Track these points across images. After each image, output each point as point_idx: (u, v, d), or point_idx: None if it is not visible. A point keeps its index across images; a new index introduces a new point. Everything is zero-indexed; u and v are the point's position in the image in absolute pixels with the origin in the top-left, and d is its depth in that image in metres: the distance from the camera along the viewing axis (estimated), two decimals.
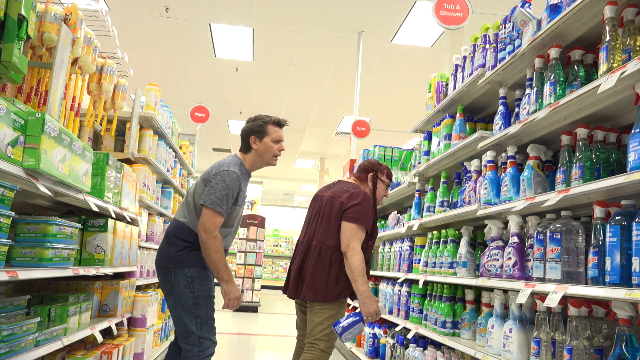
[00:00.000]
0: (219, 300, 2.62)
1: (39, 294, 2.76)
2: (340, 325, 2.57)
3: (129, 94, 3.95)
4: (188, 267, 2.55)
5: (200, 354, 2.51)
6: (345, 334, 2.56)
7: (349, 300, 2.98)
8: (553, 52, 2.22)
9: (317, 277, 2.70)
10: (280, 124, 2.78)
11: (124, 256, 3.28)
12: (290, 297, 2.89)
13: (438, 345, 3.25)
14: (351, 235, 2.66)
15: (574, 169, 2.00)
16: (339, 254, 2.71)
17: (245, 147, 2.76)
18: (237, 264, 10.11)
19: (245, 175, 2.72)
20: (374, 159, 3.09)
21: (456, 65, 3.44)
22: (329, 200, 2.83)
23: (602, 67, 1.86)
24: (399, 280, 3.96)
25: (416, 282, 3.65)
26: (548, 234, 2.02)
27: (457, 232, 3.14)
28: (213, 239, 2.48)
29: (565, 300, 1.96)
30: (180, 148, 5.56)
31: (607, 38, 1.86)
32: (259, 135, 2.72)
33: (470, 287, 3.02)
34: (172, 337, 4.83)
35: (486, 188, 2.65)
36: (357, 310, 2.67)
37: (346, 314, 2.77)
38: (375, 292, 4.93)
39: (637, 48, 1.77)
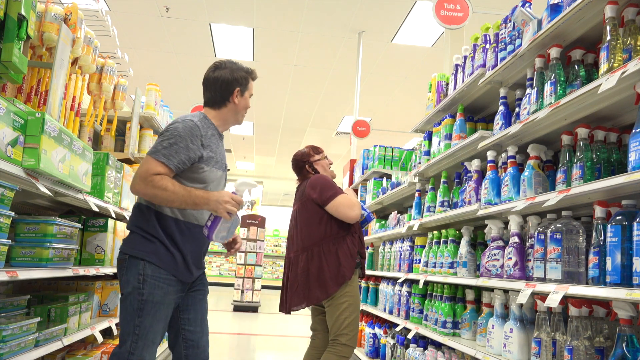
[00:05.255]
0: None
1: (39, 294, 2.76)
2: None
3: (129, 94, 3.95)
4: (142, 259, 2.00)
5: None
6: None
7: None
8: (553, 52, 2.22)
9: (319, 275, 2.75)
10: (255, 77, 2.32)
11: None
12: (285, 312, 2.90)
13: (438, 346, 3.24)
14: (342, 207, 2.80)
15: (574, 169, 2.00)
16: (327, 245, 2.80)
17: (221, 100, 2.20)
18: (238, 264, 10.11)
19: (214, 131, 2.17)
20: (297, 153, 3.18)
21: (456, 65, 3.44)
22: (301, 207, 2.96)
23: (603, 67, 1.86)
24: (399, 280, 3.95)
25: (416, 282, 3.64)
26: (549, 234, 2.02)
27: (457, 232, 3.13)
28: (151, 186, 1.93)
29: (565, 300, 1.95)
30: None
31: (608, 38, 1.86)
32: (243, 88, 2.23)
33: (470, 287, 3.01)
34: None
35: (486, 188, 2.65)
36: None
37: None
38: (376, 292, 4.94)
39: (638, 48, 1.77)
